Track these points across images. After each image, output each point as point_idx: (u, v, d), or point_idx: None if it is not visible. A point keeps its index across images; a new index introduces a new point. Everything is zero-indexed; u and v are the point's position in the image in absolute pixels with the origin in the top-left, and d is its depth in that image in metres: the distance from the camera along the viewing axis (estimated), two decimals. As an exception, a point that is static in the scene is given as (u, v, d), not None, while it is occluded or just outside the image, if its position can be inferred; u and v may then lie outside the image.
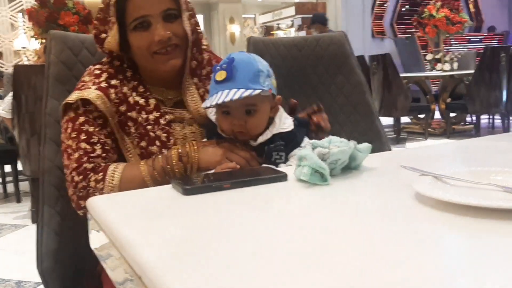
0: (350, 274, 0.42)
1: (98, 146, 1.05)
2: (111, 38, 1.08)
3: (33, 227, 1.19)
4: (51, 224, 1.17)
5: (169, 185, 0.78)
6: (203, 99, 1.13)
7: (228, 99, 0.96)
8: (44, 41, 3.23)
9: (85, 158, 1.03)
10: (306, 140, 1.08)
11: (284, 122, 1.06)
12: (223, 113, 1.03)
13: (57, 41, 1.24)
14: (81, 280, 1.17)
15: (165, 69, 1.09)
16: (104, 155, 1.05)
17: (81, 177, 1.02)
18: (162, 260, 0.48)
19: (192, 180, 0.79)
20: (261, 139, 1.03)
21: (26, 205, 3.48)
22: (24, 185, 3.87)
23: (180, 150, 1.03)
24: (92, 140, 1.05)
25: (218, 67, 1.02)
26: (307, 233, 0.54)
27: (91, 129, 1.06)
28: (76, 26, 3.12)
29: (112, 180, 1.00)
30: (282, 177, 0.78)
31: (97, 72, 1.11)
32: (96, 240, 0.68)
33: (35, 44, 3.60)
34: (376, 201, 0.66)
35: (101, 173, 1.01)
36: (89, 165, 1.03)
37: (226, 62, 1.01)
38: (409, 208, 0.61)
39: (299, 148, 1.04)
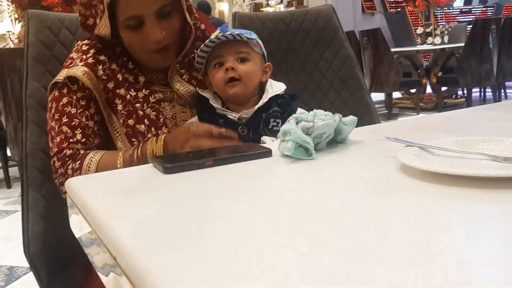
0: (337, 246, 0.41)
1: (78, 131, 1.03)
2: (103, 28, 1.03)
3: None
4: (37, 208, 1.15)
5: (150, 164, 0.76)
6: (190, 82, 1.13)
7: (220, 33, 1.02)
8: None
9: (66, 144, 1.02)
10: (299, 110, 1.09)
11: (277, 87, 1.10)
12: (215, 67, 1.07)
13: (35, 21, 1.20)
14: (69, 264, 1.16)
15: (158, 66, 1.09)
16: (84, 140, 1.03)
17: (60, 163, 1.01)
18: (137, 240, 0.46)
19: (173, 158, 0.77)
20: (257, 105, 1.05)
21: (16, 191, 3.46)
22: (14, 171, 3.84)
23: (150, 146, 0.99)
24: (73, 123, 1.03)
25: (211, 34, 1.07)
26: (292, 208, 0.53)
27: (73, 110, 1.03)
28: (60, 7, 3.06)
29: (88, 170, 0.98)
30: (266, 153, 0.76)
31: (84, 48, 1.09)
32: (76, 224, 0.66)
33: (19, 28, 3.53)
34: (361, 174, 0.64)
35: (78, 162, 0.99)
36: (69, 152, 1.01)
37: (220, 28, 1.07)
38: (395, 179, 0.59)
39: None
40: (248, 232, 0.46)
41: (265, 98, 1.06)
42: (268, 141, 1.00)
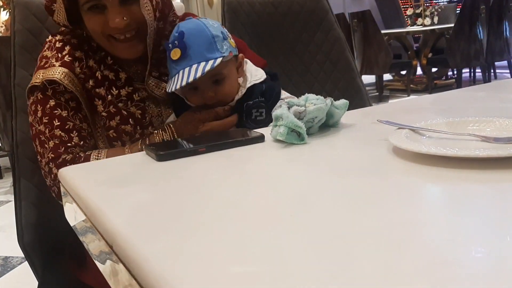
0: (331, 228, 0.41)
1: (74, 134, 0.98)
2: (58, 12, 0.98)
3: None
4: (29, 197, 1.14)
5: (143, 152, 0.76)
6: (160, 79, 1.06)
7: (191, 79, 0.91)
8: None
9: (63, 149, 0.96)
10: (284, 94, 1.06)
11: (256, 74, 1.03)
12: (190, 90, 0.99)
13: (21, 8, 1.18)
14: (64, 252, 1.16)
15: (123, 56, 1.01)
16: (81, 143, 0.98)
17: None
18: (133, 227, 0.46)
19: (166, 145, 0.77)
20: (237, 97, 1.01)
21: (8, 181, 3.44)
22: (5, 161, 3.81)
23: (158, 138, 0.98)
24: (67, 127, 0.98)
25: (170, 45, 0.96)
26: (286, 192, 0.53)
27: (64, 113, 0.98)
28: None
29: None
30: (259, 138, 0.76)
31: (58, 45, 1.02)
32: (71, 213, 0.66)
33: (4, 15, 3.47)
34: (354, 157, 0.65)
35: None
36: (68, 156, 0.96)
37: (176, 37, 0.95)
38: (387, 161, 0.60)
39: (280, 100, 1.02)
40: (242, 217, 0.47)
41: (243, 90, 1.01)
42: None
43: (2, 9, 3.21)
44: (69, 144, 0.97)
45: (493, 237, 0.38)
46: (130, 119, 1.02)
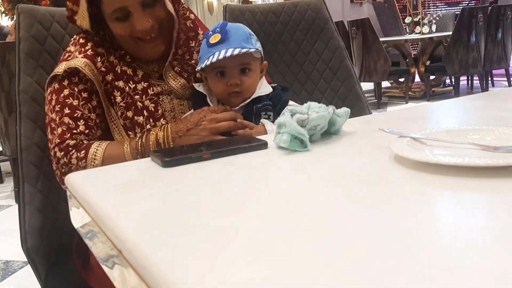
0: (332, 235, 0.43)
1: (81, 122, 1.04)
2: (81, 18, 1.05)
3: (17, 207, 1.17)
4: (33, 202, 1.15)
5: (148, 158, 0.77)
6: (181, 75, 1.13)
7: (228, 54, 1.00)
8: (15, 17, 3.12)
9: (68, 134, 1.02)
10: (290, 103, 1.10)
11: (265, 88, 1.10)
12: (217, 75, 1.06)
13: (26, 16, 1.20)
14: (67, 257, 1.17)
15: (149, 55, 1.09)
16: (87, 131, 1.04)
17: (62, 153, 1.01)
18: (142, 233, 0.47)
19: (171, 151, 0.78)
20: (245, 102, 1.06)
21: (9, 186, 3.44)
22: (6, 165, 3.82)
23: (157, 135, 1.02)
24: (75, 115, 1.04)
25: (211, 33, 1.05)
26: (289, 199, 0.54)
27: (75, 102, 1.04)
28: (48, 1, 3.03)
29: (95, 159, 0.99)
30: (262, 145, 0.77)
31: (82, 41, 1.10)
32: (77, 217, 0.67)
33: (6, 21, 3.49)
34: (356, 165, 0.66)
35: (83, 151, 1.00)
36: (72, 142, 1.02)
37: (218, 26, 1.05)
38: (388, 170, 0.61)
39: (288, 106, 1.09)
40: (249, 223, 0.48)
41: (254, 95, 1.07)
42: (266, 124, 1.02)
43: (4, 14, 3.23)
44: (74, 131, 1.03)
45: (494, 245, 0.39)
46: (144, 111, 1.08)
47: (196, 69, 1.09)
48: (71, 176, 0.72)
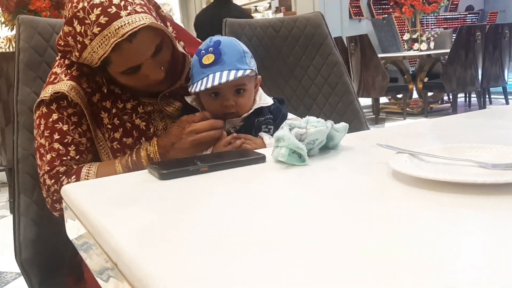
0: (329, 251, 0.42)
1: (72, 148, 1.00)
2: (88, 57, 0.95)
3: (12, 218, 1.16)
4: (29, 213, 1.15)
5: (145, 170, 0.76)
6: (175, 98, 1.09)
7: (223, 80, 0.96)
8: (15, 28, 3.12)
9: (58, 161, 0.99)
10: (290, 116, 1.10)
11: (265, 99, 1.09)
12: (211, 96, 1.03)
13: (26, 26, 1.20)
14: (61, 269, 1.16)
15: (153, 92, 1.05)
16: (77, 157, 1.01)
17: (53, 180, 0.98)
18: (138, 246, 0.47)
19: (168, 164, 0.78)
20: (245, 114, 1.05)
21: (4, 196, 3.42)
22: (2, 176, 3.80)
23: (147, 150, 1.00)
24: (66, 141, 1.00)
25: (203, 51, 1.01)
26: (286, 214, 0.54)
27: (65, 127, 1.01)
28: (48, 12, 3.04)
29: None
30: (260, 158, 0.77)
31: (67, 62, 1.05)
32: (73, 229, 0.67)
33: (6, 31, 3.50)
34: (354, 180, 0.66)
35: (74, 176, 0.97)
36: (62, 169, 0.99)
37: (211, 45, 1.01)
38: (386, 185, 0.61)
39: (287, 120, 1.08)
40: (245, 237, 0.47)
41: (256, 106, 1.06)
42: (265, 137, 1.02)
43: (3, 25, 3.24)
44: (64, 158, 1.00)
45: (492, 262, 0.39)
46: (134, 131, 1.04)
47: (189, 90, 1.03)
48: (68, 187, 0.71)
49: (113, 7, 0.90)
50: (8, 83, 2.72)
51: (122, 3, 0.91)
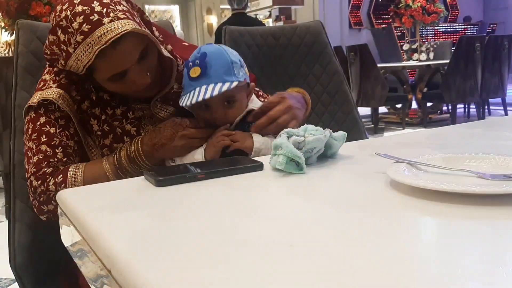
0: (326, 261, 0.42)
1: (59, 149, 1.00)
2: (72, 64, 0.94)
3: (7, 223, 1.16)
4: (24, 219, 1.14)
5: (142, 177, 0.76)
6: (167, 103, 1.09)
7: (208, 96, 0.96)
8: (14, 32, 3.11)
9: (45, 163, 0.98)
10: None
11: (256, 103, 1.09)
12: (201, 107, 1.03)
13: (25, 31, 1.20)
14: (56, 276, 1.15)
15: (141, 97, 1.05)
16: (65, 159, 1.00)
17: (39, 181, 0.97)
18: (132, 252, 0.46)
19: (165, 171, 0.77)
20: (236, 120, 1.04)
21: (0, 201, 3.41)
22: (-2, 181, 3.78)
23: (127, 150, 1.00)
24: (53, 143, 1.00)
25: (191, 63, 1.01)
26: (283, 222, 0.54)
27: (52, 130, 1.00)
28: (48, 17, 3.05)
29: (75, 180, 0.96)
30: (258, 166, 0.77)
31: (56, 69, 1.04)
32: (68, 236, 0.66)
33: (6, 36, 3.51)
34: (352, 189, 0.66)
35: (60, 176, 0.96)
36: (48, 170, 0.98)
37: (198, 57, 1.00)
38: (384, 194, 0.61)
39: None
40: (242, 244, 0.47)
41: (247, 109, 1.06)
42: (255, 138, 1.01)
43: (3, 29, 3.24)
44: (51, 160, 0.99)
45: (489, 273, 0.38)
46: (124, 137, 1.04)
47: (181, 104, 1.02)
48: (63, 193, 0.71)
49: (95, 14, 0.89)
50: (7, 88, 2.72)
51: (104, 10, 0.90)
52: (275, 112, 1.02)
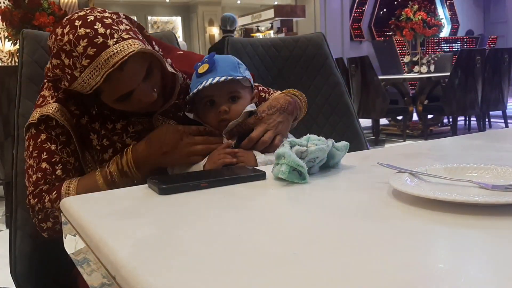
0: (328, 270, 0.42)
1: (58, 166, 0.99)
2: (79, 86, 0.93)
3: (8, 232, 1.16)
4: (26, 227, 1.14)
5: (145, 185, 0.76)
6: (168, 116, 1.10)
7: (214, 81, 1.00)
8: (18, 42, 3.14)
9: (42, 180, 0.98)
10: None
11: (253, 106, 1.10)
12: (206, 105, 1.06)
13: (30, 41, 1.21)
14: (56, 284, 1.15)
15: (145, 111, 1.05)
16: (63, 176, 0.99)
17: (36, 200, 0.97)
18: (136, 259, 0.47)
19: (168, 179, 0.78)
20: (233, 122, 1.05)
21: (0, 210, 3.40)
22: (-1, 190, 3.78)
23: (117, 161, 0.99)
24: (53, 160, 0.99)
25: (199, 64, 1.05)
26: (285, 231, 0.54)
27: (53, 147, 1.00)
28: (52, 27, 3.07)
29: (68, 193, 0.95)
30: (261, 175, 0.77)
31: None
32: (71, 244, 0.66)
33: (9, 45, 3.53)
34: (354, 199, 0.66)
35: (54, 192, 0.96)
36: (45, 187, 0.98)
37: (207, 57, 1.06)
38: (387, 204, 0.61)
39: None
40: (245, 253, 0.47)
41: (242, 112, 1.06)
42: (258, 155, 1.01)
43: (7, 39, 3.26)
44: (48, 177, 0.98)
45: (491, 282, 0.38)
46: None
47: (186, 98, 1.07)
48: (67, 201, 0.71)
49: (99, 37, 0.88)
50: (9, 98, 2.74)
51: (108, 31, 0.89)
52: (257, 133, 1.03)
